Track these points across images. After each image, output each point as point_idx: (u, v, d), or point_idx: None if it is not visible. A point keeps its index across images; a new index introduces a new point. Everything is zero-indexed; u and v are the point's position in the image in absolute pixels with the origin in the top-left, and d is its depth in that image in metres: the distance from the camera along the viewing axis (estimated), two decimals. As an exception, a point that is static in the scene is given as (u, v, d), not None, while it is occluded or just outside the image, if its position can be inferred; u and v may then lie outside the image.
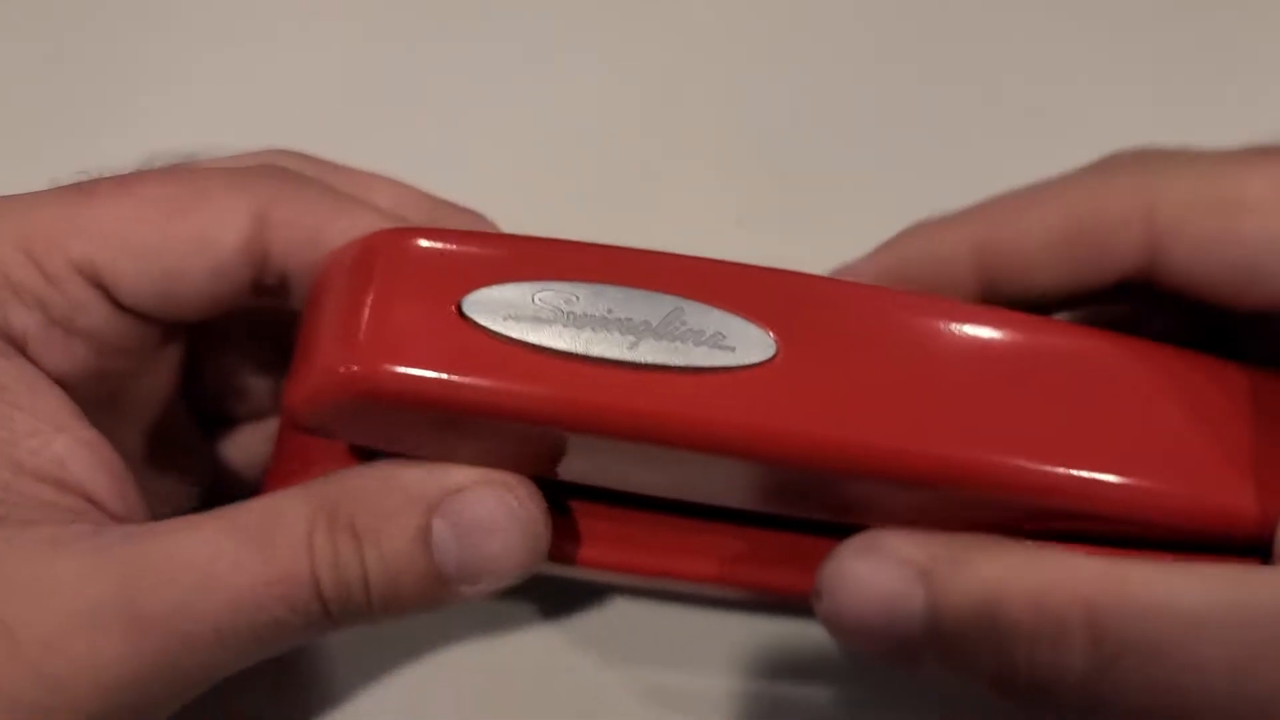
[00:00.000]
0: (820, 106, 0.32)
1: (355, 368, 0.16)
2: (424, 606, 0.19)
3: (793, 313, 0.17)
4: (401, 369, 0.16)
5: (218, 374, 0.24)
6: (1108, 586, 0.16)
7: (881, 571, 0.17)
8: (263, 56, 0.33)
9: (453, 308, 0.16)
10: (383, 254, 0.17)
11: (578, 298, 0.16)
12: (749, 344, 0.17)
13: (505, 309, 0.16)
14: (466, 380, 0.16)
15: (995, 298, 0.20)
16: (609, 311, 0.16)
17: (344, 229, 0.19)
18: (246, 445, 0.24)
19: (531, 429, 0.17)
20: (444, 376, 0.16)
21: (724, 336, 0.17)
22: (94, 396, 0.20)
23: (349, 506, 0.18)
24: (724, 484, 0.19)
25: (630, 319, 0.16)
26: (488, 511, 0.18)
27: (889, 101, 0.32)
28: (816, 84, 0.32)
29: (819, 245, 0.21)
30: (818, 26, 0.33)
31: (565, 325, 0.16)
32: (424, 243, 0.17)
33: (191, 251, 0.19)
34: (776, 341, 0.17)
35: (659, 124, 0.32)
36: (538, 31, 0.33)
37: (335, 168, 0.22)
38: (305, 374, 0.17)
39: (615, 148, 0.31)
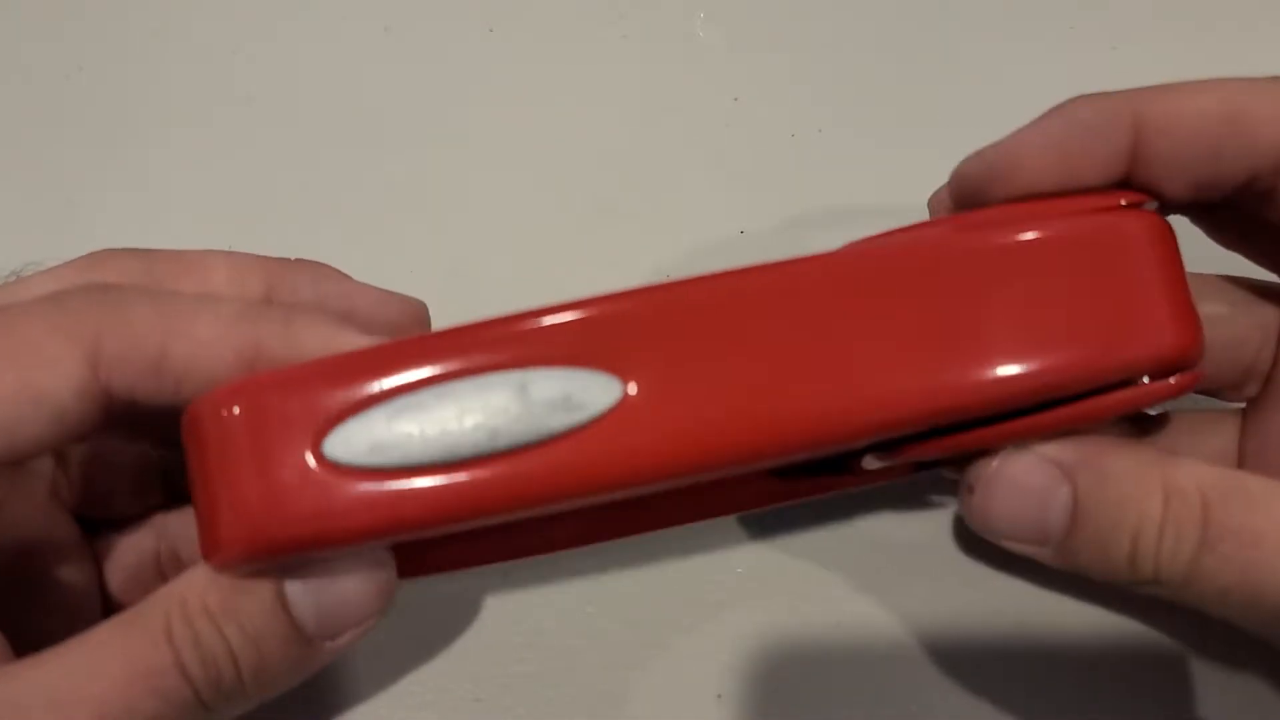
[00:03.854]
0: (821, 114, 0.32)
1: (245, 538, 0.17)
2: (294, 672, 0.20)
3: (632, 343, 0.18)
4: (287, 528, 0.17)
5: (94, 481, 0.24)
6: (1219, 484, 0.20)
7: (1033, 468, 0.21)
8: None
9: (319, 453, 0.17)
10: (240, 412, 0.18)
11: (428, 406, 0.18)
12: (597, 394, 0.18)
13: (366, 441, 0.17)
14: (353, 517, 0.17)
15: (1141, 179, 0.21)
16: (462, 412, 0.18)
17: (185, 350, 0.19)
18: (138, 545, 0.24)
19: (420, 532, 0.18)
20: (331, 522, 0.17)
21: (571, 396, 0.18)
22: None
23: (199, 593, 0.19)
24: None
25: (483, 409, 0.18)
26: (335, 560, 0.19)
27: (888, 109, 0.32)
28: (814, 86, 0.32)
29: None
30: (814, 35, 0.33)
31: (424, 439, 0.17)
32: (272, 395, 0.18)
33: (24, 403, 0.18)
34: (622, 381, 0.18)
35: (658, 136, 0.32)
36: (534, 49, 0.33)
37: (163, 256, 0.22)
38: (210, 549, 0.18)
39: (614, 161, 0.31)
